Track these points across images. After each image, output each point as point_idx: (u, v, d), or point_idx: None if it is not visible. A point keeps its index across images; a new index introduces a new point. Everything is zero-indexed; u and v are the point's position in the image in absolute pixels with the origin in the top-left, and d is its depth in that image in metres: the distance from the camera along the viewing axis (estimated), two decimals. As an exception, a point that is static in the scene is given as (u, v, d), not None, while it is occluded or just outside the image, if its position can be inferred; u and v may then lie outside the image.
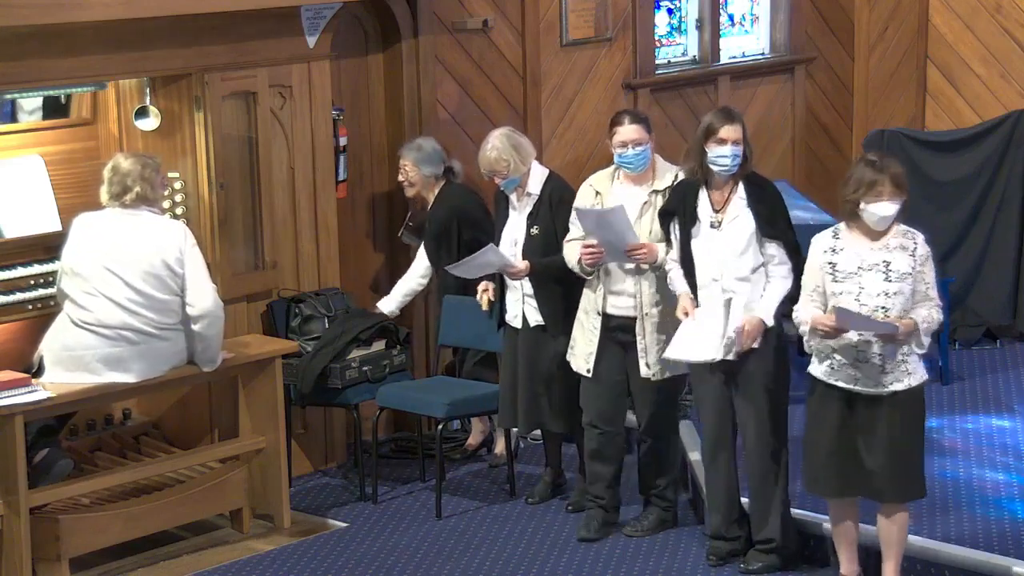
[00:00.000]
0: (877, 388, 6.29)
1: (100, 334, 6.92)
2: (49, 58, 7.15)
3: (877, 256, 6.27)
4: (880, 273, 6.25)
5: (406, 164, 8.34)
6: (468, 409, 8.05)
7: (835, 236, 6.37)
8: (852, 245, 6.32)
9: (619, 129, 7.14)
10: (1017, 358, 9.74)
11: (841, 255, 6.31)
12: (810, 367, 6.46)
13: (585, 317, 7.25)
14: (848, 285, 6.27)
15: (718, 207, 6.81)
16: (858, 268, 6.27)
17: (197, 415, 7.86)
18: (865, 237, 6.31)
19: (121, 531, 7.13)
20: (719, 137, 6.74)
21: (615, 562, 7.18)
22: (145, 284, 6.96)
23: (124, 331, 6.94)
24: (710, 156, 6.76)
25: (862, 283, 6.25)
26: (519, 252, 7.57)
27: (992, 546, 6.89)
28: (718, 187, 6.82)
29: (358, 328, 8.01)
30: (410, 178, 8.34)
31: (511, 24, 9.31)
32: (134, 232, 7.01)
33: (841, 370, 6.33)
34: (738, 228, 6.77)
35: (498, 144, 7.63)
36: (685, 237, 6.84)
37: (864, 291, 6.24)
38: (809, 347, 6.41)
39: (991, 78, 11.08)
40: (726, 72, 10.60)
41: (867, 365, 6.28)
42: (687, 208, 6.83)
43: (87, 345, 6.93)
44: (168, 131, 7.75)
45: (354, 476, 8.19)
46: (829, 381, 6.36)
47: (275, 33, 7.94)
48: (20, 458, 6.73)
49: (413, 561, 7.26)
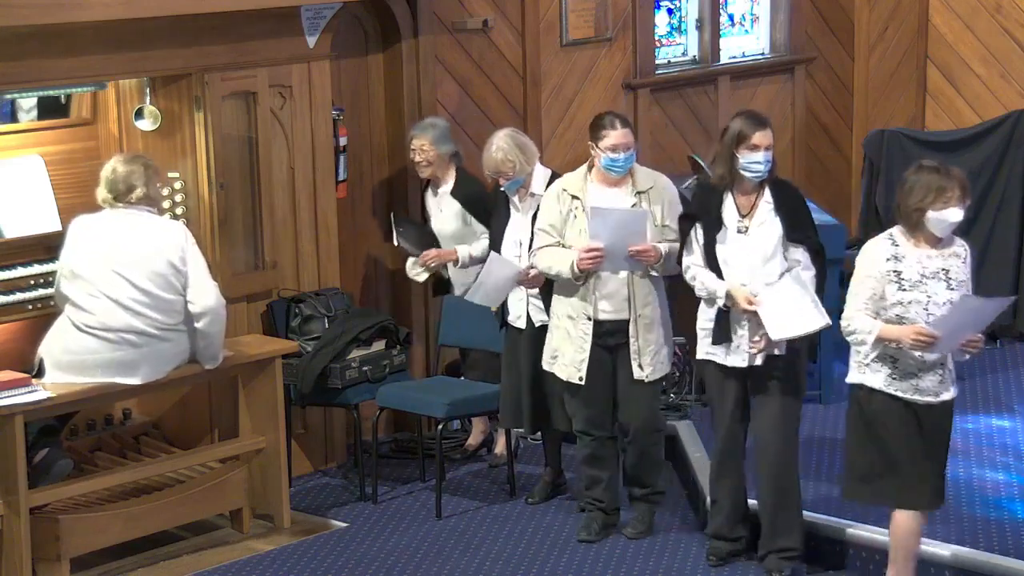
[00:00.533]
0: (935, 396, 6.22)
1: (103, 338, 6.92)
2: (49, 58, 7.15)
3: (936, 264, 6.16)
4: (942, 281, 6.14)
5: (423, 144, 8.30)
6: (468, 409, 8.05)
7: (894, 244, 6.21)
8: (912, 253, 6.17)
9: (611, 133, 7.07)
10: (1017, 358, 9.74)
11: (904, 263, 6.17)
12: (860, 377, 6.29)
13: (571, 323, 7.16)
14: (916, 294, 6.13)
15: (745, 212, 6.74)
16: (922, 276, 6.14)
17: (197, 415, 7.86)
18: (925, 244, 6.17)
19: (121, 531, 7.13)
20: (752, 143, 6.66)
21: (615, 562, 7.18)
22: (150, 284, 6.96)
23: (127, 334, 6.94)
24: (742, 162, 6.68)
25: (929, 291, 6.13)
26: (525, 253, 7.56)
27: (992, 546, 6.89)
28: (745, 192, 6.75)
29: (358, 328, 8.01)
30: (428, 157, 8.30)
31: (511, 24, 9.31)
32: (135, 232, 7.01)
33: (904, 379, 6.20)
34: (766, 233, 6.72)
35: (503, 145, 7.64)
36: (710, 242, 6.76)
37: (931, 300, 6.12)
38: (865, 356, 6.25)
39: (991, 78, 11.08)
40: (726, 72, 10.60)
41: (930, 374, 6.19)
42: (712, 213, 6.76)
43: (89, 349, 6.92)
44: (168, 131, 7.75)
45: (354, 476, 8.19)
46: (889, 391, 6.23)
47: (275, 33, 7.94)
48: (20, 458, 6.73)
49: (413, 561, 7.26)
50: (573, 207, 7.13)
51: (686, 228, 6.88)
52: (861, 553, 6.91)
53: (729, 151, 6.71)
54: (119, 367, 6.95)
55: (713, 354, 6.84)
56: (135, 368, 6.99)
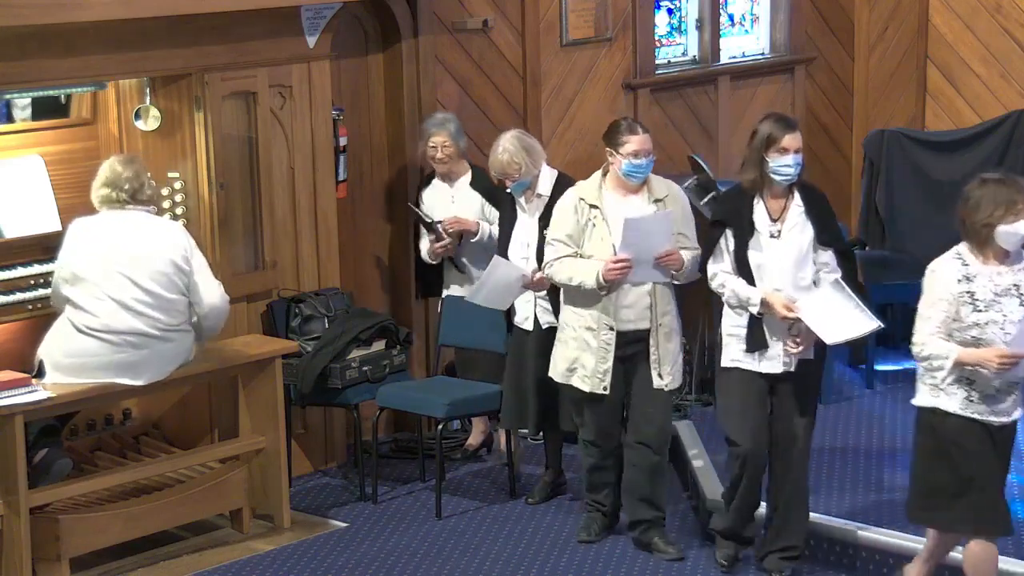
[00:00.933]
0: (1008, 416, 6.14)
1: (106, 340, 6.91)
2: (49, 58, 7.15)
3: (1007, 279, 6.06)
4: (1014, 298, 6.04)
5: (444, 140, 8.30)
6: (468, 409, 8.05)
7: (964, 263, 6.09)
8: (983, 271, 6.05)
9: (632, 138, 6.99)
10: (1017, 358, 9.72)
11: (976, 282, 6.04)
12: (934, 401, 6.14)
13: (591, 334, 7.06)
14: (991, 314, 6.01)
15: (776, 216, 6.67)
16: (995, 295, 6.02)
17: (197, 415, 7.86)
18: (994, 260, 6.07)
19: (121, 531, 7.13)
20: (781, 146, 6.60)
21: (615, 562, 7.18)
22: (154, 284, 6.97)
23: (130, 336, 6.94)
24: (772, 166, 6.61)
25: (1004, 310, 6.02)
26: (532, 255, 7.55)
27: (992, 546, 6.88)
28: (775, 196, 6.68)
29: (358, 328, 8.01)
30: (449, 153, 8.31)
31: (511, 24, 9.31)
32: (139, 232, 7.02)
33: (981, 402, 6.09)
34: (798, 237, 6.65)
35: (509, 147, 7.63)
36: (741, 248, 6.66)
37: (1007, 319, 6.01)
38: (941, 380, 6.10)
39: (991, 78, 11.08)
40: (726, 72, 10.60)
41: (1007, 395, 6.11)
42: (743, 219, 6.67)
43: (91, 352, 6.92)
44: (168, 131, 7.75)
45: (354, 476, 8.19)
46: (966, 414, 6.10)
47: (275, 33, 7.94)
48: (20, 458, 6.73)
49: (413, 561, 7.26)
50: (592, 216, 7.04)
51: (716, 235, 6.75)
52: (875, 556, 6.88)
53: (758, 155, 6.63)
54: (121, 369, 6.95)
55: (741, 361, 6.73)
56: (137, 370, 6.99)
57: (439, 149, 8.31)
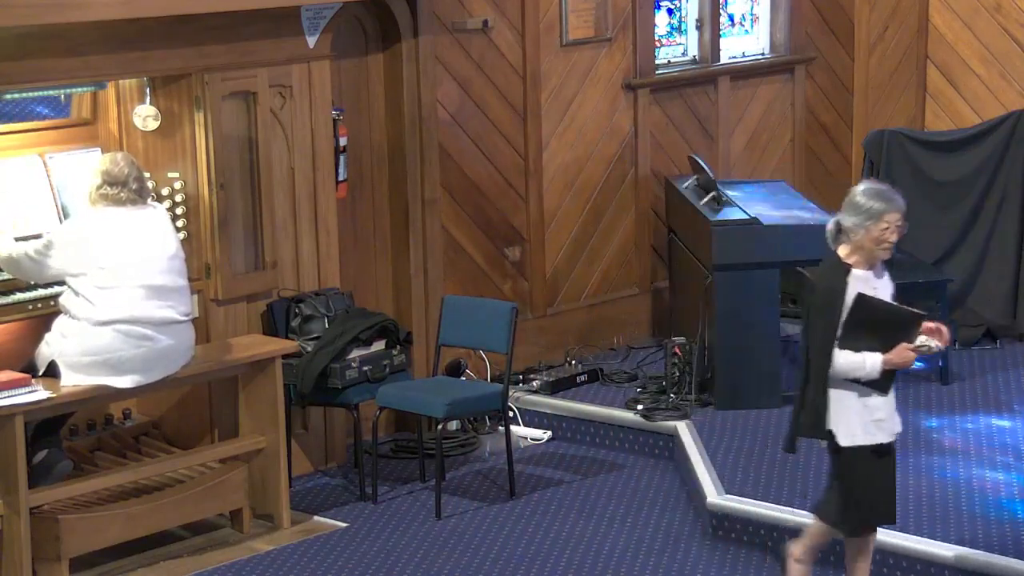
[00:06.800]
0: None
1: (127, 333, 6.92)
2: (49, 58, 7.15)
3: None
4: None
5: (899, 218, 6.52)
6: (468, 409, 8.06)
7: None
8: None
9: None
10: (1017, 358, 9.73)
11: None
12: None
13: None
14: None
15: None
16: None
17: (197, 415, 7.86)
18: None
19: (121, 531, 7.13)
20: None
21: (615, 562, 7.18)
22: (171, 271, 7.07)
23: (147, 328, 6.95)
24: None
25: None
26: None
27: (992, 546, 6.88)
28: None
29: (358, 328, 8.01)
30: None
31: (511, 24, 9.31)
32: (148, 223, 7.07)
33: None
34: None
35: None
36: None
37: None
38: None
39: (991, 78, 11.08)
40: (726, 72, 10.60)
41: None
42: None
43: (113, 348, 6.91)
44: (168, 131, 7.76)
45: (354, 476, 8.19)
46: None
47: (275, 33, 7.95)
48: (20, 458, 6.73)
49: (413, 561, 7.26)
50: None
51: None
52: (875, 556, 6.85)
53: None
54: (137, 364, 6.96)
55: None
56: (152, 366, 7.01)
57: (897, 231, 6.52)
